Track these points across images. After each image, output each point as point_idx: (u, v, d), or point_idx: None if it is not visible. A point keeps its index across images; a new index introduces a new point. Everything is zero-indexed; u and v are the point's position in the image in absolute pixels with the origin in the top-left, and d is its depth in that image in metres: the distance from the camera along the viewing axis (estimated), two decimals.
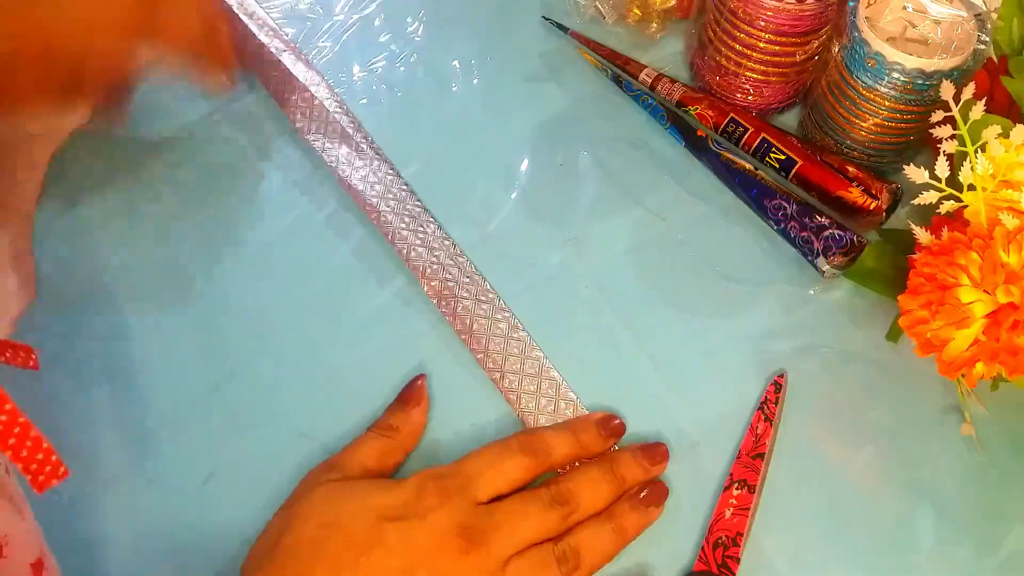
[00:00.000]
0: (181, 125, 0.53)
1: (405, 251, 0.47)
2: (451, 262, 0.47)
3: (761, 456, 0.41)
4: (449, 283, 0.46)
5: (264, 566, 0.35)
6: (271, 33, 0.56)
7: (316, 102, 0.53)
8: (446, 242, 0.48)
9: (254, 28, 0.56)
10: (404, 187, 0.50)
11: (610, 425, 0.42)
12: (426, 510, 0.36)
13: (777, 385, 0.43)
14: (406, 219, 0.48)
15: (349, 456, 0.40)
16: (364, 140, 0.51)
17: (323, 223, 0.50)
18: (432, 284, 0.46)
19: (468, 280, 0.47)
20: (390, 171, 0.50)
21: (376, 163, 0.50)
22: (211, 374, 0.45)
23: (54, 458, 0.36)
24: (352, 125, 0.52)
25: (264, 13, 0.57)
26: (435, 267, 0.47)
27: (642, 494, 0.39)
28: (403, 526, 0.35)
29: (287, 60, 0.54)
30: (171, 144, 0.52)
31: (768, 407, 0.43)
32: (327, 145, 0.51)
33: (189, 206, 0.50)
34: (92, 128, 0.46)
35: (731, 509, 0.40)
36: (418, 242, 0.48)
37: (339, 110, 0.53)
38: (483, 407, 0.44)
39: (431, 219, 0.49)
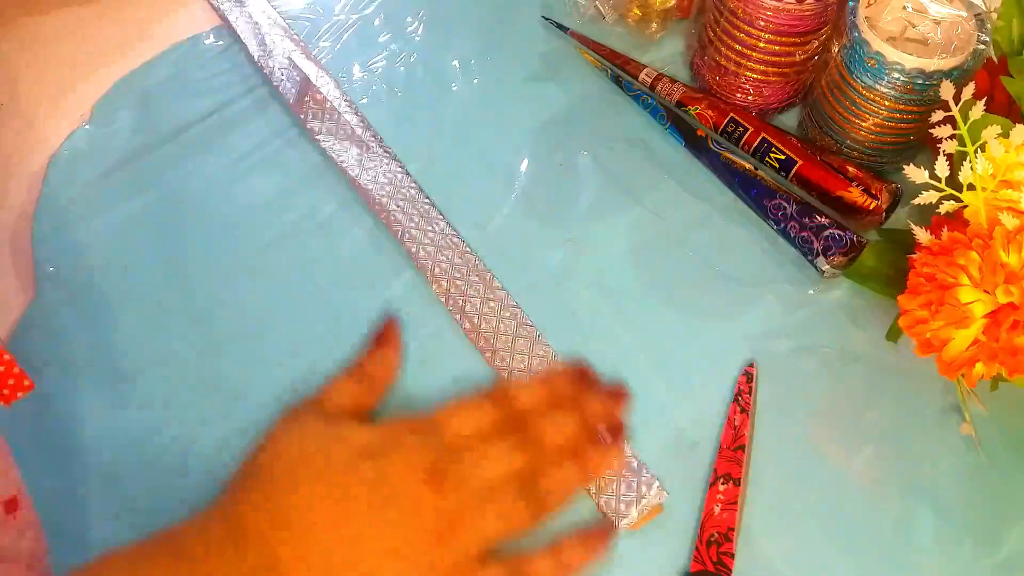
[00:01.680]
0: (183, 123, 0.53)
1: (414, 249, 0.47)
2: (460, 260, 0.47)
3: (742, 448, 0.41)
4: (457, 281, 0.46)
5: (239, 488, 0.36)
6: (282, 32, 0.56)
7: (328, 104, 0.53)
8: (454, 239, 0.48)
9: (265, 27, 0.56)
10: (413, 185, 0.50)
11: (576, 370, 0.41)
12: (398, 447, 0.37)
13: (748, 375, 0.44)
14: (415, 217, 0.48)
15: (325, 394, 0.41)
16: (373, 139, 0.52)
17: (325, 221, 0.50)
18: (440, 283, 0.46)
19: (476, 278, 0.47)
20: (399, 169, 0.51)
21: (386, 162, 0.50)
22: (211, 374, 0.45)
23: (16, 370, 0.35)
24: (361, 124, 0.52)
25: (275, 12, 0.57)
26: (443, 264, 0.47)
27: (602, 431, 0.40)
28: (375, 463, 0.36)
29: (297, 60, 0.55)
30: (173, 142, 0.52)
31: (742, 398, 0.43)
32: (337, 146, 0.51)
33: (190, 205, 0.50)
34: None
35: (719, 505, 0.40)
36: (427, 240, 0.48)
37: (348, 110, 0.53)
38: None
39: (440, 216, 0.49)
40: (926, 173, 0.38)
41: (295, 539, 0.35)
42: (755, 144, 0.50)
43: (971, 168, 0.37)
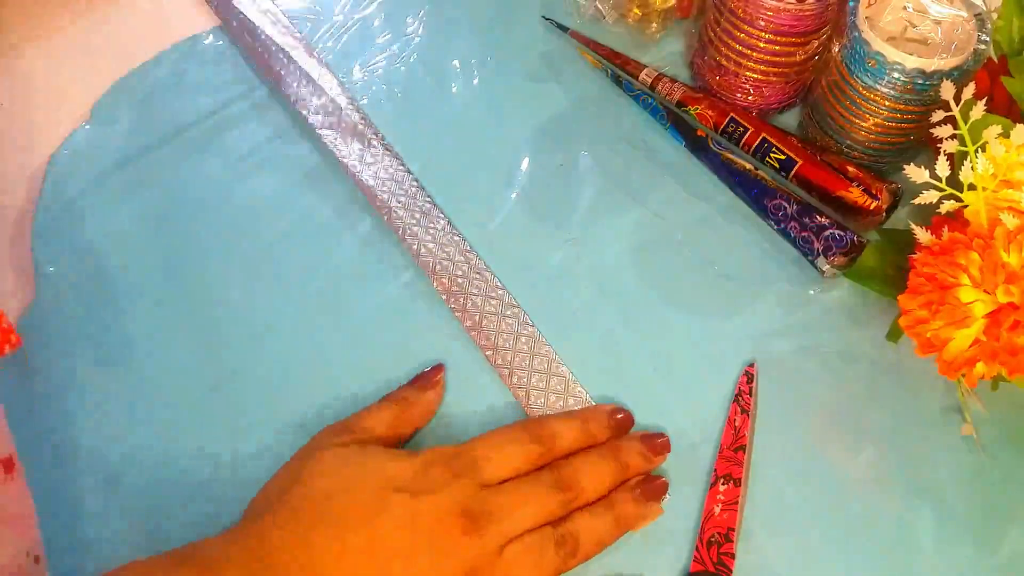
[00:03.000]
0: (183, 123, 0.53)
1: (416, 247, 0.47)
2: (461, 258, 0.47)
3: (743, 448, 0.41)
4: (459, 279, 0.46)
5: (270, 513, 0.36)
6: (284, 30, 0.56)
7: (328, 98, 0.53)
8: (455, 237, 0.48)
9: (266, 25, 0.56)
10: (414, 183, 0.50)
11: (617, 418, 0.42)
12: (432, 487, 0.37)
13: (748, 375, 0.44)
14: (416, 215, 0.48)
15: (361, 421, 0.41)
16: (374, 136, 0.52)
17: (325, 221, 0.50)
18: (442, 281, 0.46)
19: (478, 276, 0.47)
20: (400, 167, 0.51)
21: (387, 159, 0.50)
22: (211, 374, 0.45)
23: (5, 325, 0.36)
24: (363, 121, 0.52)
25: (276, 8, 0.57)
26: (445, 263, 0.47)
27: (643, 488, 0.40)
28: (409, 499, 0.36)
29: (299, 57, 0.55)
30: (173, 142, 0.52)
31: (743, 398, 0.43)
32: (339, 141, 0.51)
33: (190, 205, 0.50)
34: None
35: (720, 505, 0.40)
36: (428, 238, 0.48)
37: (350, 106, 0.53)
38: (492, 404, 0.44)
39: (441, 214, 0.49)
40: (926, 173, 0.38)
41: None
42: (755, 144, 0.50)
43: (971, 168, 0.37)
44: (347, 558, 0.35)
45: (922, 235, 0.39)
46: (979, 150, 0.38)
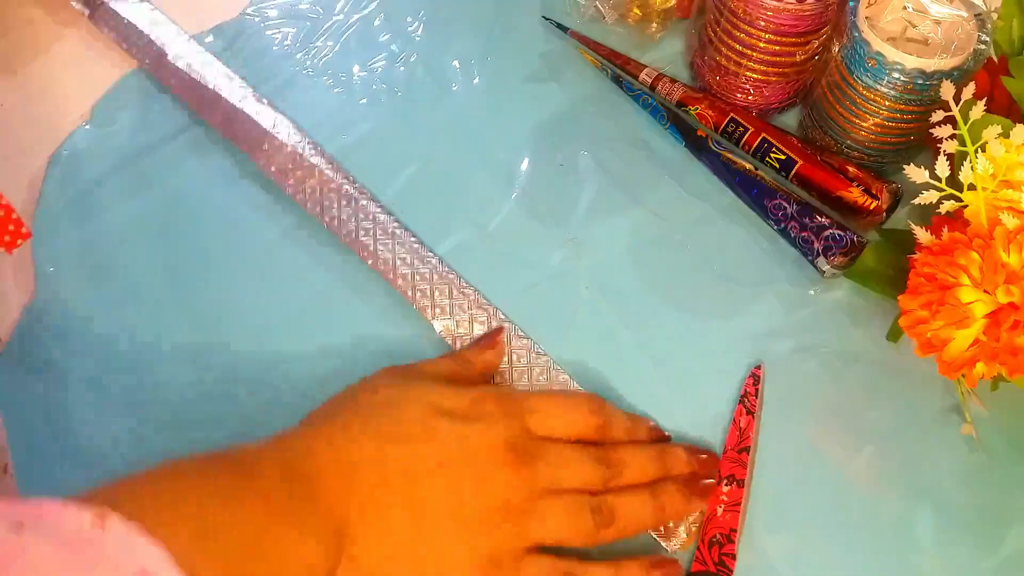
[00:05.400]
0: (183, 123, 0.53)
1: (390, 276, 0.47)
2: (438, 279, 0.46)
3: (747, 450, 0.41)
4: (442, 299, 0.46)
5: (308, 423, 0.37)
6: (227, 80, 0.52)
7: (287, 149, 0.49)
8: (432, 259, 0.47)
9: (210, 80, 0.52)
10: (393, 220, 0.48)
11: (657, 435, 0.42)
12: (482, 417, 0.37)
13: (755, 377, 0.44)
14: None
15: (422, 365, 0.41)
16: (346, 180, 0.49)
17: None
18: (423, 305, 0.46)
19: (461, 295, 0.46)
20: (378, 207, 0.48)
21: (359, 200, 0.48)
22: (211, 374, 0.45)
23: (15, 216, 0.36)
24: (330, 166, 0.49)
25: (221, 64, 0.53)
26: (424, 286, 0.46)
27: (691, 485, 0.40)
28: (457, 424, 0.36)
29: (249, 108, 0.51)
30: (173, 142, 0.52)
31: (748, 400, 0.43)
32: (305, 190, 0.48)
33: (190, 205, 0.50)
34: None
35: (722, 506, 0.40)
36: (401, 259, 0.47)
37: (313, 152, 0.50)
38: None
39: (414, 239, 0.48)
40: (926, 173, 0.38)
41: (364, 501, 0.34)
42: (755, 144, 0.50)
43: (971, 168, 0.37)
44: (387, 469, 0.34)
45: (922, 235, 0.39)
46: (979, 150, 0.38)
